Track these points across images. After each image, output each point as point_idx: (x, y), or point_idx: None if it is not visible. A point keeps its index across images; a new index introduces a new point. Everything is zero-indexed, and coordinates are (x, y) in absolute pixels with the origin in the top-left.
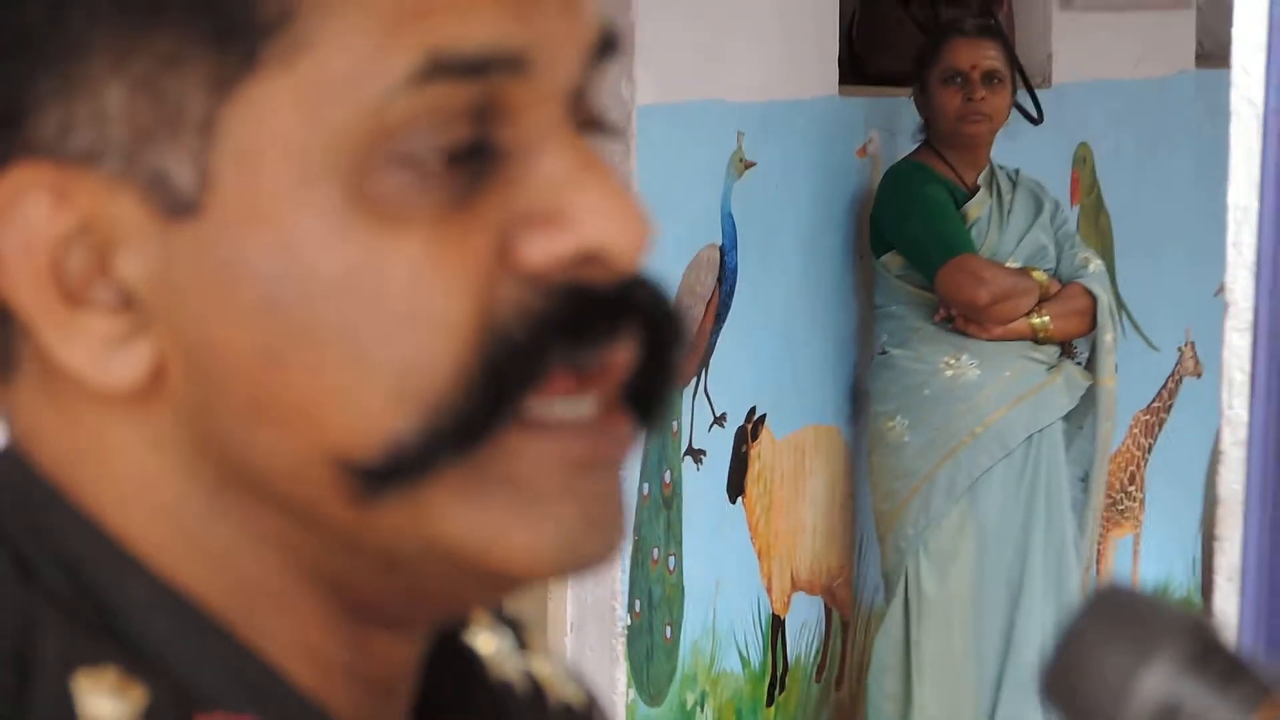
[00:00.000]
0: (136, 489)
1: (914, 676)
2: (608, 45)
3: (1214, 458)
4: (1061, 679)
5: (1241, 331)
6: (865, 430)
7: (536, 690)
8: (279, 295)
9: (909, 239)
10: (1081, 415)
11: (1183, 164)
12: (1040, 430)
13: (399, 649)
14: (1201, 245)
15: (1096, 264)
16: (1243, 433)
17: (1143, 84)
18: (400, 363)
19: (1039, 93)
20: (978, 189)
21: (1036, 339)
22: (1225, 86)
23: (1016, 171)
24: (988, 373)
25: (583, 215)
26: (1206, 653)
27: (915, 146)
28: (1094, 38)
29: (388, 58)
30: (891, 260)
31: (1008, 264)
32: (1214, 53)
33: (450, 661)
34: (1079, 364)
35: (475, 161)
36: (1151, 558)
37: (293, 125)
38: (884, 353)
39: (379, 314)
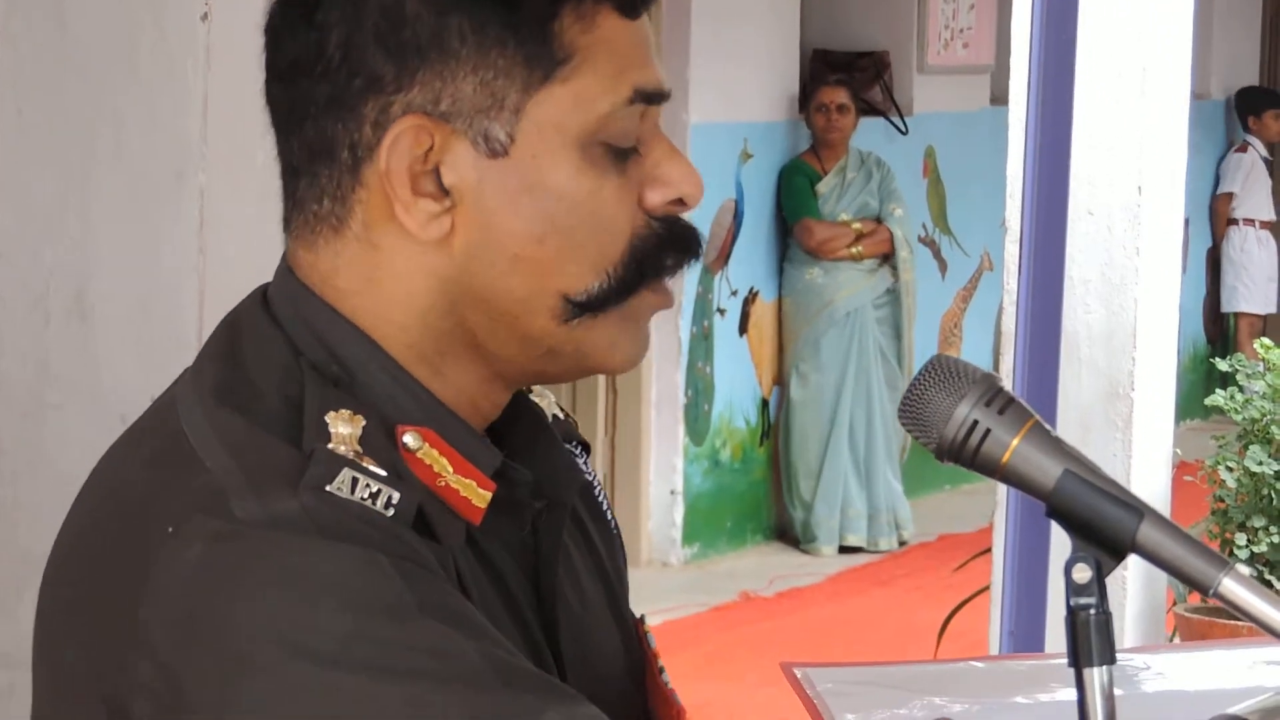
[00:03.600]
0: (399, 298)
1: (792, 437)
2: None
3: (999, 312)
4: (912, 408)
5: (1014, 244)
6: None
7: (540, 410)
8: (546, 204)
9: (786, 207)
10: (897, 295)
11: (983, 157)
12: (856, 309)
13: (505, 396)
14: (994, 197)
15: (900, 211)
16: (1013, 298)
17: (962, 114)
18: (599, 248)
19: (906, 117)
20: (828, 173)
21: (855, 259)
22: (1005, 114)
23: (868, 154)
24: (829, 278)
25: (675, 179)
26: (994, 395)
27: (807, 146)
28: (937, 88)
29: (616, 88)
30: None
31: (841, 218)
32: (1000, 97)
33: (517, 397)
34: (893, 268)
35: (632, 149)
36: None
37: (562, 115)
38: (783, 263)
39: (595, 221)
